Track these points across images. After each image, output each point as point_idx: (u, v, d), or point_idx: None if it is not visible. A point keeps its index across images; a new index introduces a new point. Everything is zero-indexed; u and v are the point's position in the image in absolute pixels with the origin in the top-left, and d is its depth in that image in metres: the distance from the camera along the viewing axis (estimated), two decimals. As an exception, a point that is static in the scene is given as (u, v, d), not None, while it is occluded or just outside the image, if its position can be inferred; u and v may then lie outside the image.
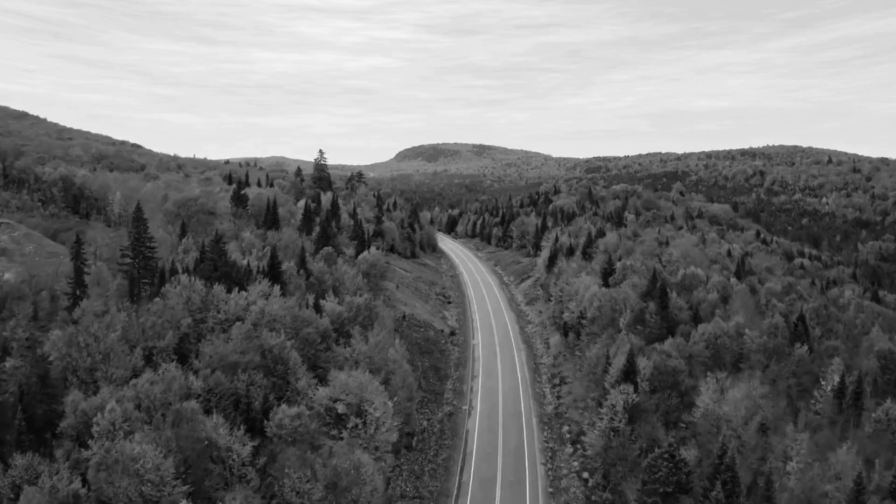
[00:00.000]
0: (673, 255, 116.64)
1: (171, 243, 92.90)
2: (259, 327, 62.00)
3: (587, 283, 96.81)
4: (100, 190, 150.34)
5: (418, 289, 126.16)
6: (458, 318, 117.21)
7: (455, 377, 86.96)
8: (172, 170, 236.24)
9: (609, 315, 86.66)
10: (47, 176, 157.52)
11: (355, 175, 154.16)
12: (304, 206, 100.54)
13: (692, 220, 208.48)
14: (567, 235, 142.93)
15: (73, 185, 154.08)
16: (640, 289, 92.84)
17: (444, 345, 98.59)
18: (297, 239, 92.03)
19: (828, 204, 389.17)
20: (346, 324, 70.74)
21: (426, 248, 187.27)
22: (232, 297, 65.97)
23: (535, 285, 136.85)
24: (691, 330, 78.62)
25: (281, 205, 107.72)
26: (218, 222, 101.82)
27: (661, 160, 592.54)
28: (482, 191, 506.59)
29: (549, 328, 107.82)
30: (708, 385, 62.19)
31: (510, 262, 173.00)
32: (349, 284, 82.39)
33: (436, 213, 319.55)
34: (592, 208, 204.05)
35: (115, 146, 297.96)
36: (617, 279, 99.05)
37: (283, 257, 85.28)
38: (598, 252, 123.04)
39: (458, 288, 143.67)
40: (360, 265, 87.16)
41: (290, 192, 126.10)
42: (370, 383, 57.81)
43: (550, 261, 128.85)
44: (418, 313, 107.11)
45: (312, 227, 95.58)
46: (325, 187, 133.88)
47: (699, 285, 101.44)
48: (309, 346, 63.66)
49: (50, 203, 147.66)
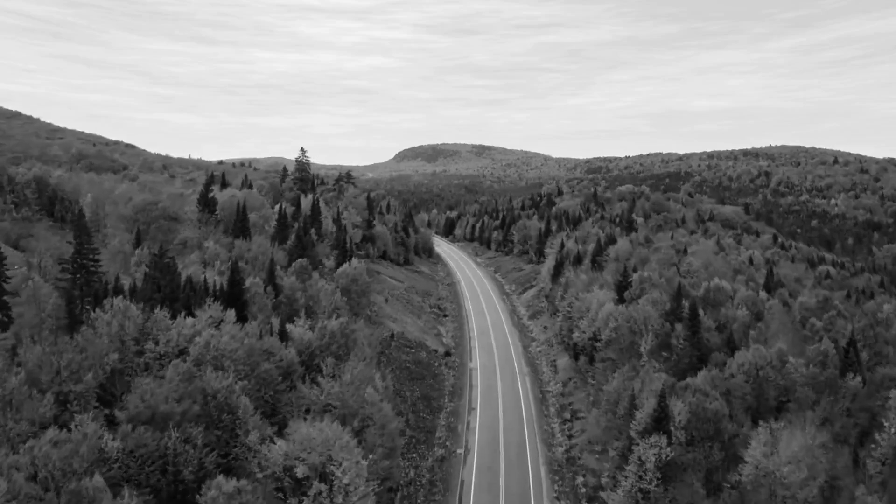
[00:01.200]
0: (693, 265, 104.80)
1: (125, 254, 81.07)
2: (203, 365, 50.13)
3: (600, 298, 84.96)
4: (73, 192, 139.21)
5: (410, 301, 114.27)
6: (455, 334, 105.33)
7: (449, 410, 75.06)
8: (157, 170, 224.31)
9: (627, 338, 74.83)
10: (21, 177, 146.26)
11: (343, 175, 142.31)
12: (279, 210, 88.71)
13: (703, 223, 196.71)
14: (574, 241, 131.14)
15: (48, 186, 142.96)
16: (662, 306, 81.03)
17: (437, 368, 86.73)
18: (268, 249, 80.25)
19: (837, 205, 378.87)
20: (317, 354, 58.88)
21: (422, 254, 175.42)
22: (174, 326, 54.10)
23: (539, 296, 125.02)
24: (726, 358, 66.85)
25: (255, 209, 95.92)
26: (183, 229, 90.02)
27: (662, 160, 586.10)
28: (482, 192, 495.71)
29: (556, 347, 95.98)
30: (759, 436, 50.34)
31: (511, 269, 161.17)
32: (326, 303, 70.54)
33: (433, 216, 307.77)
34: (598, 211, 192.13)
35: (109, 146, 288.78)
36: (633, 294, 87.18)
37: (250, 271, 73.47)
38: (608, 261, 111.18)
39: (454, 299, 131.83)
40: (338, 280, 75.41)
41: (269, 195, 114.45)
42: (339, 437, 45.96)
43: (556, 270, 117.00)
44: (409, 331, 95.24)
45: (288, 236, 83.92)
46: (308, 189, 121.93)
47: (726, 300, 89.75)
48: (266, 386, 51.81)
49: (23, 206, 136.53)
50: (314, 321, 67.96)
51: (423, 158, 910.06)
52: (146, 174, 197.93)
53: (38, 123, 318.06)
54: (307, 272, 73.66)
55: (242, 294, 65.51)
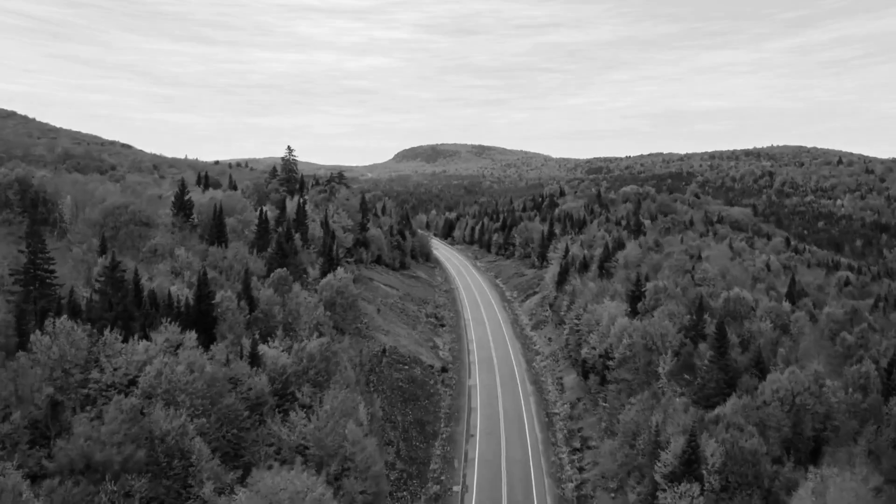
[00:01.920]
0: (708, 272, 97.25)
1: (88, 264, 73.44)
2: (154, 400, 42.66)
3: (612, 311, 77.48)
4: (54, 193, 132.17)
5: (405, 310, 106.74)
6: (453, 346, 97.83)
7: (445, 436, 67.53)
8: (146, 170, 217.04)
9: (643, 356, 67.34)
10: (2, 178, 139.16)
11: (335, 176, 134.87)
12: (260, 214, 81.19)
13: (712, 225, 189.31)
14: (579, 245, 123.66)
15: (31, 187, 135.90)
16: (680, 320, 73.63)
17: (433, 386, 79.25)
18: (245, 257, 72.79)
19: (843, 206, 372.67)
20: (293, 382, 51.41)
21: (419, 258, 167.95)
22: (125, 350, 46.61)
23: (543, 304, 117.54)
24: (757, 382, 59.38)
25: (235, 213, 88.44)
26: (155, 235, 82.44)
27: (663, 160, 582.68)
28: (481, 192, 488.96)
29: (562, 363, 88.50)
30: (808, 485, 42.86)
31: (512, 274, 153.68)
32: (307, 318, 63.01)
33: (432, 217, 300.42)
34: (602, 212, 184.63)
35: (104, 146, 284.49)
36: (647, 305, 79.70)
37: (224, 283, 65.99)
38: (617, 267, 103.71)
39: (452, 306, 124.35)
40: (322, 292, 67.88)
41: (253, 197, 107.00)
42: (311, 489, 38.53)
43: (561, 276, 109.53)
44: (403, 344, 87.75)
45: (268, 242, 76.51)
46: (295, 190, 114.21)
47: (748, 313, 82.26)
48: (229, 424, 44.30)
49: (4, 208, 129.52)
50: (293, 339, 60.52)
51: (422, 159, 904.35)
52: (134, 174, 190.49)
53: (34, 123, 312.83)
54: (287, 283, 66.13)
55: (211, 310, 58.03)
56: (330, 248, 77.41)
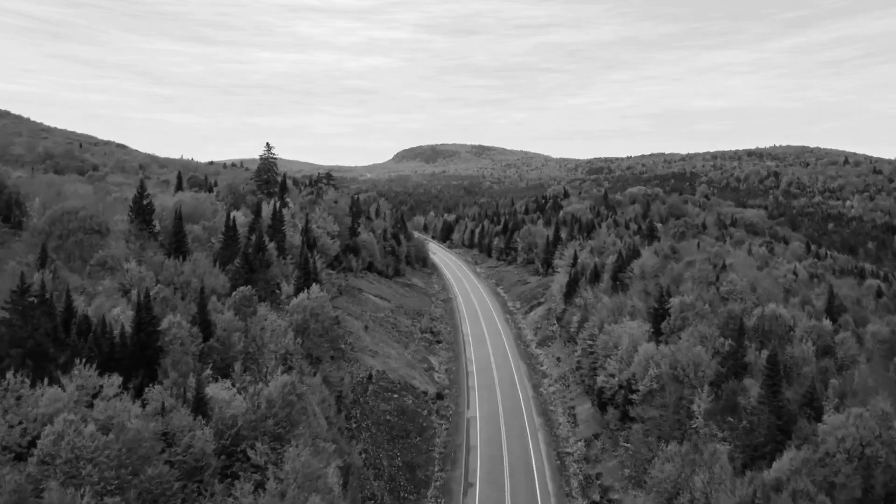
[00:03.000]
0: (736, 284, 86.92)
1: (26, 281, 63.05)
2: (53, 471, 32.41)
3: (632, 332, 67.22)
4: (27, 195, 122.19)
5: (397, 325, 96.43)
6: (450, 367, 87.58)
7: (439, 484, 57.23)
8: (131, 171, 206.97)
9: (674, 390, 57.08)
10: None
11: (323, 176, 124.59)
12: (226, 221, 70.87)
13: (725, 228, 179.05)
14: (588, 252, 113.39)
15: (5, 188, 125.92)
16: (712, 343, 63.47)
17: (426, 418, 68.97)
18: (206, 271, 62.47)
19: (853, 207, 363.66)
20: (246, 435, 41.08)
21: (414, 263, 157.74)
22: (26, 401, 36.35)
23: (549, 317, 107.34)
24: (814, 426, 49.14)
25: (203, 219, 78.29)
26: (110, 244, 72.13)
27: (665, 161, 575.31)
28: (481, 193, 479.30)
29: (574, 388, 78.25)
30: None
31: (515, 282, 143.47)
32: (274, 347, 52.69)
33: (430, 219, 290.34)
34: (610, 215, 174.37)
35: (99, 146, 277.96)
36: (673, 325, 69.36)
37: (177, 304, 55.69)
38: (633, 278, 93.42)
39: (450, 318, 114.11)
40: (292, 314, 57.56)
41: (227, 200, 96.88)
42: None
43: (569, 287, 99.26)
44: (393, 367, 77.47)
45: (236, 253, 66.36)
46: (274, 192, 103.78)
47: (786, 333, 71.97)
48: (155, 502, 33.98)
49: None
50: (256, 374, 50.24)
51: (421, 159, 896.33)
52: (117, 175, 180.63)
53: (27, 123, 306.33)
54: (251, 304, 55.84)
55: (154, 339, 47.74)
56: (307, 260, 67.06)
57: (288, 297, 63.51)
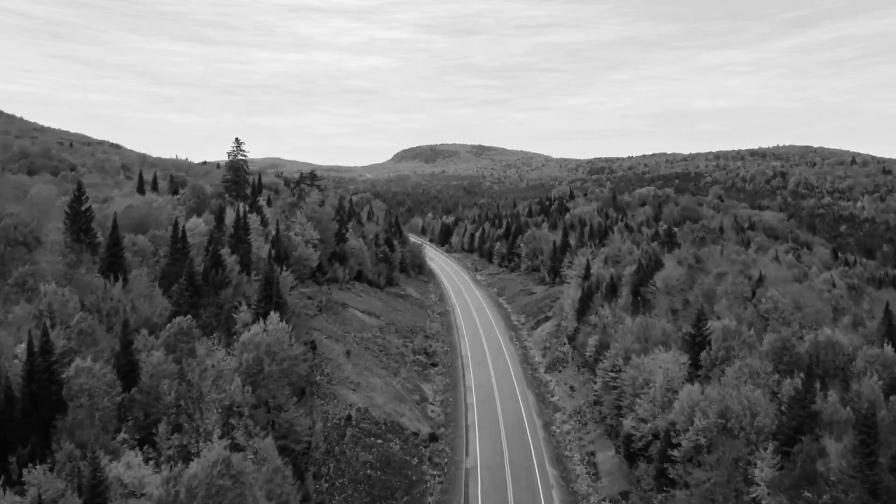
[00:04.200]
0: (777, 302, 74.97)
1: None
2: None
3: (667, 366, 55.25)
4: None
5: (386, 347, 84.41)
6: (446, 397, 75.60)
7: (431, 566, 45.28)
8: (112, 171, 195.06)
9: (729, 449, 45.12)
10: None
11: (305, 176, 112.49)
12: (174, 230, 58.74)
13: (743, 232, 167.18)
14: (602, 261, 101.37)
15: None
16: (766, 381, 51.69)
17: (416, 469, 56.98)
18: (148, 293, 50.62)
19: (864, 208, 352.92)
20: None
21: (410, 271, 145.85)
22: None
23: (559, 334, 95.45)
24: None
25: (155, 227, 66.38)
26: (37, 259, 60.24)
27: (667, 161, 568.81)
28: (481, 193, 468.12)
29: (592, 427, 66.26)
30: None
31: (519, 291, 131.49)
32: (213, 398, 40.74)
33: (428, 221, 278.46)
34: (621, 218, 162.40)
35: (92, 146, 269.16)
36: (715, 356, 57.45)
37: (98, 339, 43.82)
38: (657, 293, 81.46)
39: (447, 335, 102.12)
40: (242, 355, 45.19)
41: (188, 204, 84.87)
42: None
43: (583, 303, 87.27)
44: (378, 403, 65.50)
45: (182, 271, 54.32)
46: (245, 195, 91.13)
47: (846, 364, 60.04)
48: None
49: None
50: (189, 435, 38.38)
51: (421, 159, 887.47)
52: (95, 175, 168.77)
53: (20, 122, 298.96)
54: (190, 339, 43.98)
55: (54, 392, 35.94)
56: (270, 280, 54.94)
57: (245, 325, 51.50)
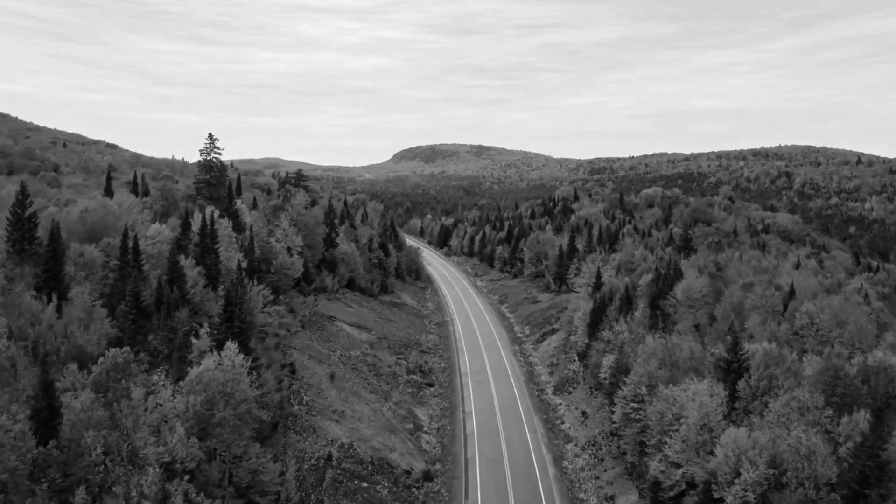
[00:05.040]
0: (814, 317, 66.75)
1: None
2: None
3: (702, 399, 47.00)
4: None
5: (377, 366, 76.15)
6: (443, 425, 67.30)
7: None
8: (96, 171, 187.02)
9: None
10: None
11: (291, 176, 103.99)
12: (123, 240, 50.27)
13: (758, 235, 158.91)
14: (614, 269, 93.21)
15: None
16: (818, 418, 43.57)
17: (408, 516, 48.78)
18: (86, 317, 42.48)
19: (872, 209, 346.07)
20: None
21: (406, 277, 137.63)
22: None
23: (567, 349, 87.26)
24: None
25: (108, 235, 58.23)
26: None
27: (668, 160, 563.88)
28: (481, 193, 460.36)
29: (609, 464, 58.01)
30: None
31: (522, 300, 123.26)
32: (150, 452, 32.53)
33: (427, 222, 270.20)
34: (628, 220, 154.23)
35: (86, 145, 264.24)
36: (757, 386, 49.26)
37: (23, 374, 35.63)
38: (678, 306, 73.23)
39: (445, 349, 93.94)
40: (189, 397, 36.60)
41: (155, 207, 76.55)
42: None
43: (595, 316, 78.96)
44: (365, 435, 57.28)
45: (125, 288, 45.94)
46: (220, 197, 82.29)
47: None
48: None
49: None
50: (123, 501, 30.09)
51: (420, 159, 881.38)
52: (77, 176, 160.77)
53: (15, 122, 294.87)
54: (126, 375, 35.80)
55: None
56: (232, 298, 46.37)
57: (203, 353, 43.16)
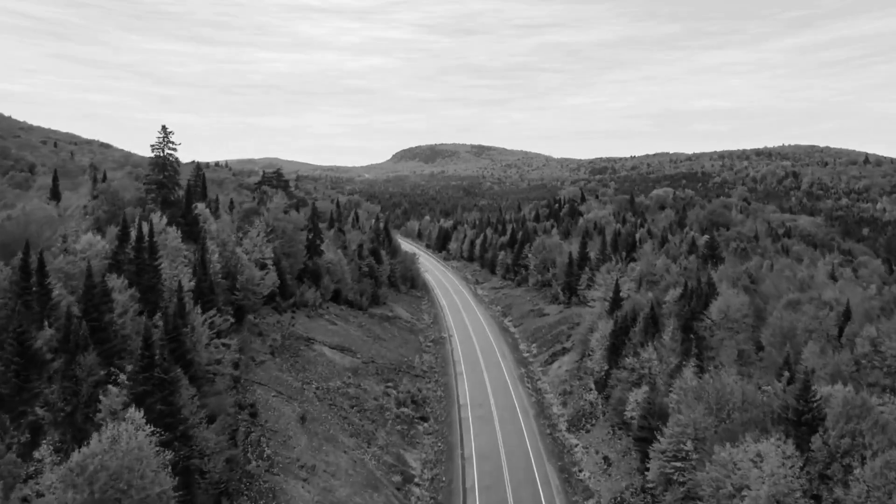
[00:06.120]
0: (879, 344, 55.78)
1: None
2: None
3: (770, 459, 36.01)
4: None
5: (361, 399, 64.98)
6: (437, 475, 56.07)
7: None
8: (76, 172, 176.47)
9: None
10: None
11: (270, 175, 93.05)
12: (24, 258, 39.12)
13: (779, 239, 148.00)
14: (635, 283, 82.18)
15: None
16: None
17: None
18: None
19: (885, 210, 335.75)
20: None
21: (400, 285, 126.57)
22: None
23: (581, 373, 76.23)
24: None
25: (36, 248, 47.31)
26: None
27: (670, 160, 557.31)
28: (481, 194, 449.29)
29: (643, 530, 46.96)
30: None
31: (527, 312, 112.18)
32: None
33: (425, 224, 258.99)
34: (640, 223, 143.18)
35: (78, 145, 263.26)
36: (834, 445, 38.29)
37: None
38: (716, 328, 62.14)
39: (443, 372, 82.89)
40: (66, 495, 25.51)
41: (97, 213, 65.41)
42: None
43: (616, 339, 67.80)
44: (339, 498, 46.16)
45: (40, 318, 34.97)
46: (173, 200, 70.48)
47: None
48: None
49: None
50: None
51: (420, 159, 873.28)
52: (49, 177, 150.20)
53: (7, 121, 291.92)
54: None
55: None
56: (147, 341, 34.65)
57: (113, 413, 32.12)
